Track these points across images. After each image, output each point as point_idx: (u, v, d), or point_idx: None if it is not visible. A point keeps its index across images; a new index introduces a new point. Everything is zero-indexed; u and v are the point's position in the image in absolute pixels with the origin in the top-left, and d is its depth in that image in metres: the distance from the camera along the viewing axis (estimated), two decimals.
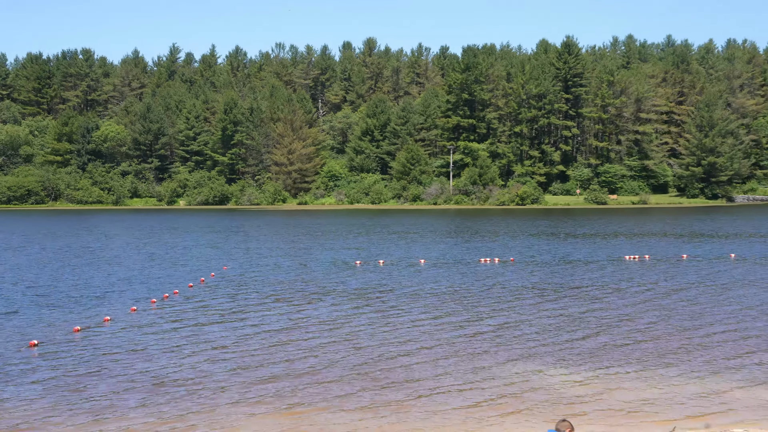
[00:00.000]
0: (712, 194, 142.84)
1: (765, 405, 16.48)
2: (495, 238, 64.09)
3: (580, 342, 22.77)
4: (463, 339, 23.28)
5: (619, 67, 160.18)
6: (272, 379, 18.76)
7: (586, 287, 34.37)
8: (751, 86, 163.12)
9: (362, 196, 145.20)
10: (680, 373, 19.13)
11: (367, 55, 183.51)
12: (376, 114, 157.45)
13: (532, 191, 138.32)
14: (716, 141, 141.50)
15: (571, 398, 17.12)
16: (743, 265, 42.44)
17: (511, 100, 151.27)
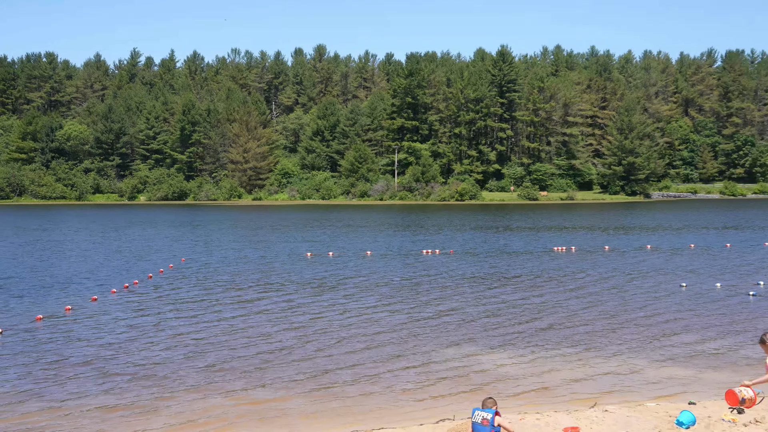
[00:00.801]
0: (632, 191, 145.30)
1: (675, 380, 17.08)
2: (436, 231, 64.64)
3: (515, 327, 23.17)
4: (406, 325, 23.53)
5: (549, 74, 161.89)
6: (227, 367, 18.71)
7: (520, 276, 34.95)
8: (665, 93, 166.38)
9: (313, 192, 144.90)
10: (603, 354, 19.67)
11: (317, 61, 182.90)
12: (326, 116, 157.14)
13: (471, 188, 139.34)
14: (635, 143, 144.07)
15: (505, 379, 17.44)
16: (658, 255, 43.53)
17: (451, 103, 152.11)
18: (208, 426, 14.39)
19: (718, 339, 21.41)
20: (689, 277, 34.34)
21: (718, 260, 41.20)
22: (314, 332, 22.54)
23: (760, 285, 31.28)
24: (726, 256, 43.59)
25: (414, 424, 13.99)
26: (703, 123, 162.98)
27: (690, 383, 17.00)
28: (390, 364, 18.78)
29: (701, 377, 17.51)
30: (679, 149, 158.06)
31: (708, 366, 18.53)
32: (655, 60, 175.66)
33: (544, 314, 25.30)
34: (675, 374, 17.74)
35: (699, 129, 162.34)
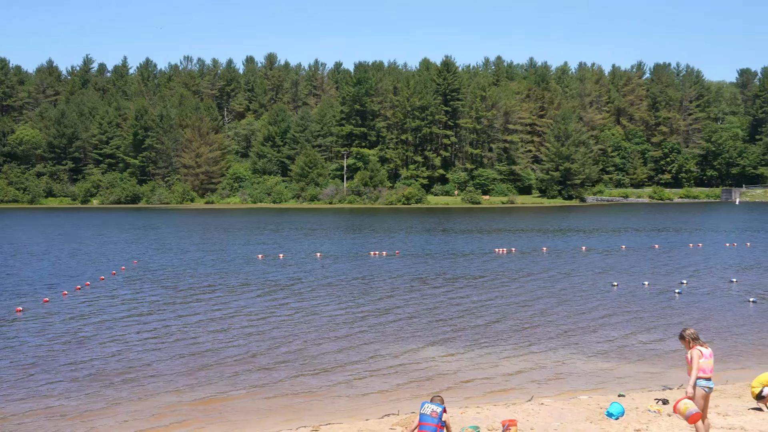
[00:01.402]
0: (568, 195, 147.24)
1: (607, 374, 17.47)
2: (384, 234, 64.86)
3: (457, 325, 23.41)
4: (353, 324, 23.62)
5: (490, 84, 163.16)
6: (175, 367, 18.55)
7: (462, 276, 35.29)
8: (599, 103, 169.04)
9: (264, 196, 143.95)
10: (540, 350, 20.02)
11: (268, 69, 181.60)
12: (277, 122, 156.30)
13: (416, 192, 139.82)
14: (571, 149, 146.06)
15: (448, 375, 17.62)
16: (592, 256, 44.34)
17: (398, 111, 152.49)
18: (156, 426, 14.24)
19: (646, 334, 21.93)
20: (620, 276, 35.04)
21: (647, 260, 42.14)
22: (263, 332, 22.47)
23: (684, 284, 32.11)
24: (654, 256, 44.58)
25: (360, 419, 14.07)
26: (633, 131, 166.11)
27: (620, 376, 17.40)
28: (337, 361, 18.83)
29: (630, 370, 17.93)
30: (612, 156, 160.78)
31: (636, 360, 18.98)
32: (589, 71, 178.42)
33: (484, 312, 25.61)
34: (606, 368, 18.13)
35: (630, 137, 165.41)
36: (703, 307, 26.59)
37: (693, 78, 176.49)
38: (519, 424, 12.81)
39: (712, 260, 42.24)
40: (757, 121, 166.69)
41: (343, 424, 13.62)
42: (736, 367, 18.21)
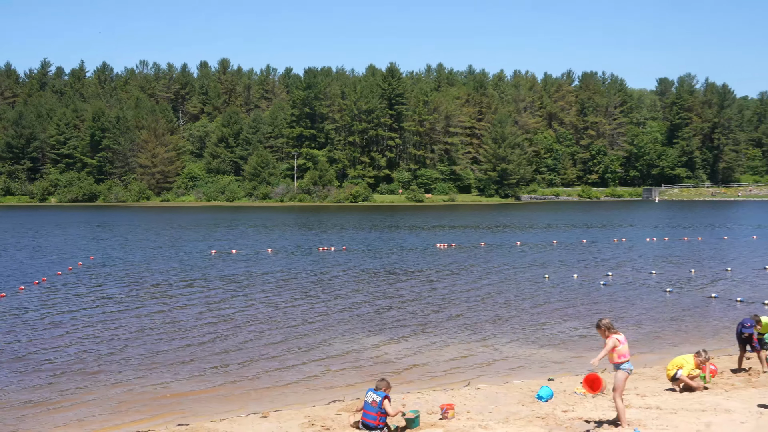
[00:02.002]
0: (505, 194, 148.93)
1: (538, 360, 17.76)
2: (332, 230, 64.80)
3: (400, 316, 23.52)
4: (302, 316, 23.54)
5: (432, 89, 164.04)
6: (128, 359, 18.28)
7: (406, 270, 35.42)
8: (532, 108, 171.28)
9: (218, 194, 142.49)
10: (477, 338, 20.21)
11: (221, 73, 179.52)
12: (230, 124, 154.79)
13: (363, 191, 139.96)
14: (507, 151, 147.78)
15: (391, 363, 17.71)
16: (526, 250, 44.90)
17: (345, 114, 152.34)
18: (109, 419, 14.05)
19: (574, 322, 22.34)
20: (551, 269, 35.59)
21: (576, 254, 42.87)
22: (216, 323, 22.28)
23: (609, 276, 32.76)
24: (582, 250, 45.38)
25: (308, 406, 14.08)
26: (564, 135, 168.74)
27: (550, 362, 17.69)
28: (286, 351, 18.77)
29: (559, 356, 18.25)
30: (545, 157, 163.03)
31: (565, 346, 19.33)
32: (523, 78, 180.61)
33: (426, 303, 25.80)
34: (538, 354, 18.43)
35: (561, 140, 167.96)
36: (625, 297, 27.21)
37: (617, 86, 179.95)
38: (456, 407, 12.97)
39: (634, 254, 43.20)
40: (674, 126, 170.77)
41: (291, 411, 13.61)
42: (654, 351, 18.65)
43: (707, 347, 17.67)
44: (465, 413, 12.81)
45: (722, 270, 35.01)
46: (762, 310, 23.45)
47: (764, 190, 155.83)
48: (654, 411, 12.25)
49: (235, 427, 12.57)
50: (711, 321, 22.50)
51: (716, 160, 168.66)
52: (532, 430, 11.45)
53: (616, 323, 22.03)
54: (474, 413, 12.83)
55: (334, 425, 12.40)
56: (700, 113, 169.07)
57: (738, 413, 11.72)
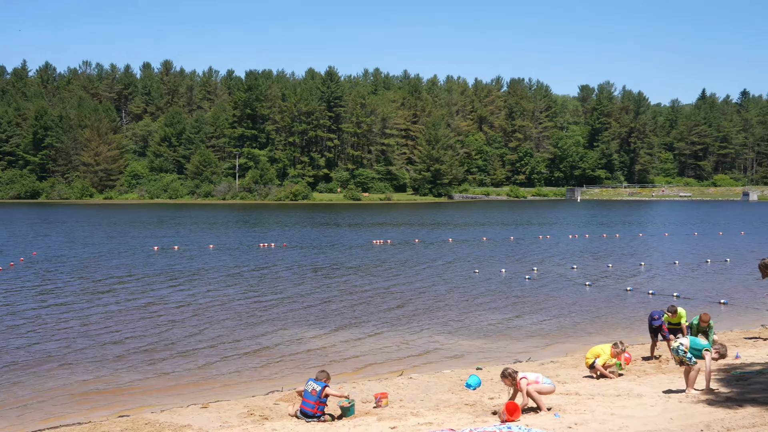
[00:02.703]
0: (438, 193, 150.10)
1: (467, 350, 17.98)
2: (272, 227, 64.33)
3: (338, 310, 23.52)
4: (242, 310, 23.33)
5: (369, 92, 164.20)
6: (66, 354, 17.82)
7: (343, 266, 35.42)
8: (464, 112, 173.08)
9: (161, 192, 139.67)
10: (410, 330, 20.34)
11: (164, 75, 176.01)
12: (173, 124, 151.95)
13: (303, 189, 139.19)
14: (440, 152, 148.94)
15: (329, 355, 17.71)
16: (458, 246, 45.36)
17: (286, 115, 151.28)
18: (53, 411, 13.71)
19: (501, 314, 22.71)
20: (481, 264, 36.09)
21: (504, 250, 43.55)
22: (157, 318, 21.90)
23: (534, 270, 33.42)
24: (510, 246, 46.14)
25: (247, 396, 14.00)
26: (493, 137, 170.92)
27: (478, 351, 17.95)
28: (226, 344, 18.59)
29: (487, 346, 18.54)
30: (475, 158, 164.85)
31: (492, 336, 19.64)
32: (455, 83, 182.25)
33: (361, 297, 25.86)
34: (467, 344, 18.68)
35: (490, 142, 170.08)
36: (549, 290, 27.78)
37: (543, 92, 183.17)
38: (390, 396, 13.06)
39: (557, 250, 44.14)
40: (594, 131, 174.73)
41: (231, 401, 13.50)
42: (574, 341, 19.10)
43: (622, 337, 18.24)
44: (398, 401, 12.92)
45: (637, 265, 36.06)
46: (672, 301, 24.25)
47: (675, 191, 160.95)
48: (573, 396, 12.56)
49: (175, 417, 12.42)
50: (626, 312, 23.16)
51: (632, 162, 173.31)
52: (461, 416, 11.61)
53: (540, 314, 22.57)
54: (406, 401, 12.95)
55: (272, 414, 12.37)
56: (618, 119, 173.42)
57: (648, 397, 12.11)
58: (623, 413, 10.99)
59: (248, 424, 11.80)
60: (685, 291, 26.73)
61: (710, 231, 60.27)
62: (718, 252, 42.10)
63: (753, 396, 11.35)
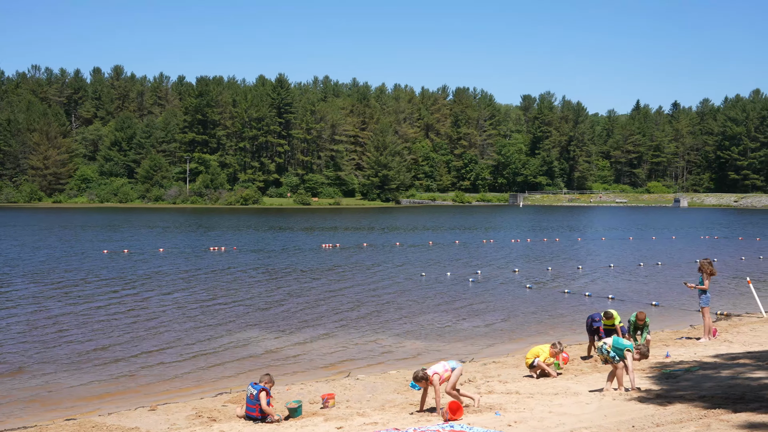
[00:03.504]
0: (386, 198, 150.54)
1: (413, 351, 18.05)
2: (223, 231, 63.58)
3: (287, 313, 23.34)
4: (193, 314, 22.98)
5: (319, 99, 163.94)
6: (10, 359, 17.46)
7: (291, 268, 35.16)
8: (411, 119, 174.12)
9: (111, 196, 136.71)
10: (358, 332, 20.29)
11: (115, 80, 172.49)
12: (123, 128, 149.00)
13: (253, 194, 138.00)
14: (388, 159, 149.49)
15: (279, 357, 17.58)
16: (405, 250, 45.43)
17: (237, 121, 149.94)
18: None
19: (446, 316, 22.87)
20: (427, 267, 36.24)
21: (450, 254, 43.87)
22: (105, 321, 21.39)
23: (478, 273, 33.74)
24: (455, 250, 46.51)
25: (195, 398, 13.81)
26: (439, 144, 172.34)
27: (424, 352, 18.04)
28: (176, 347, 18.29)
29: (433, 347, 18.64)
30: (422, 165, 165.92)
31: (438, 338, 19.77)
32: (403, 92, 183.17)
33: (310, 299, 25.72)
34: (413, 346, 18.75)
35: (437, 149, 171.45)
36: (492, 292, 28.09)
37: (487, 101, 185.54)
38: (337, 396, 13.05)
39: (500, 253, 44.67)
40: (536, 139, 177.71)
41: (179, 403, 13.30)
42: (514, 342, 19.35)
43: (561, 337, 18.55)
44: (345, 402, 12.91)
45: (575, 268, 36.75)
46: (607, 303, 24.78)
47: (612, 197, 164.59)
48: (514, 395, 12.73)
49: (122, 420, 12.17)
50: (564, 313, 23.56)
51: (572, 169, 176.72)
52: (405, 416, 11.67)
53: (483, 316, 22.81)
54: (353, 402, 12.95)
55: (220, 416, 12.23)
56: (558, 127, 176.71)
57: (584, 395, 12.36)
58: (560, 411, 11.18)
59: (196, 426, 11.64)
60: (619, 293, 27.34)
61: (644, 236, 61.80)
62: (650, 256, 43.18)
63: (681, 393, 11.68)
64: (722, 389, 11.67)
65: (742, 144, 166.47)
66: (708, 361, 15.02)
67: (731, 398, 10.81)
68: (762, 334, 18.66)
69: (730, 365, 14.24)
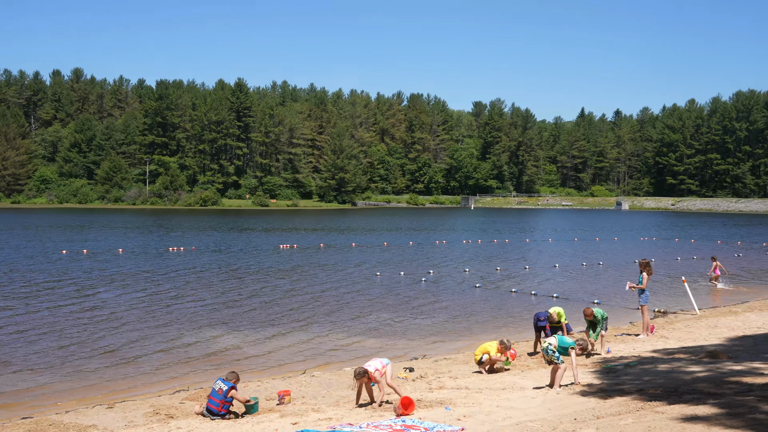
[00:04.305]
0: (342, 200, 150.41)
1: (367, 348, 18.03)
2: (182, 231, 62.67)
3: (246, 311, 23.11)
4: (152, 313, 22.59)
5: (277, 104, 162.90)
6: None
7: (250, 268, 34.83)
8: (367, 124, 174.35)
9: (71, 197, 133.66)
10: (315, 331, 20.20)
11: (75, 82, 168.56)
12: (83, 130, 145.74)
13: (213, 195, 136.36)
14: (345, 162, 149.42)
15: (237, 355, 17.41)
16: (361, 251, 45.39)
17: (196, 124, 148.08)
18: None
19: (398, 314, 22.92)
20: (382, 267, 36.28)
21: (404, 254, 43.98)
22: (63, 320, 20.87)
23: (430, 273, 33.91)
24: (409, 251, 46.65)
25: (153, 396, 13.59)
26: (394, 148, 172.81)
27: (378, 350, 18.03)
28: (134, 346, 17.95)
29: (386, 344, 18.67)
30: (378, 168, 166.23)
31: (391, 335, 19.80)
32: (359, 97, 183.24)
33: (268, 298, 25.53)
34: (368, 344, 18.76)
35: (392, 153, 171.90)
36: (443, 291, 28.26)
37: (440, 107, 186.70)
38: (292, 393, 12.98)
39: (452, 254, 44.97)
40: (486, 144, 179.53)
41: (137, 401, 13.07)
42: (465, 339, 19.49)
43: (508, 334, 18.77)
44: (300, 398, 12.85)
45: (523, 268, 37.21)
46: (552, 301, 25.14)
47: (558, 200, 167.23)
48: (463, 391, 12.83)
49: (80, 418, 11.90)
50: (512, 311, 23.82)
51: (521, 173, 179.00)
52: (359, 411, 11.66)
53: (435, 314, 22.91)
54: (308, 398, 12.90)
55: (177, 413, 12.05)
56: (508, 133, 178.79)
57: (530, 390, 12.52)
58: (507, 405, 11.31)
59: (153, 423, 11.46)
60: (563, 292, 27.78)
61: (588, 237, 62.92)
62: (593, 256, 43.98)
63: (621, 387, 11.93)
64: (659, 383, 11.95)
65: (679, 150, 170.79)
66: (646, 356, 15.37)
67: (667, 391, 11.08)
68: (695, 330, 19.17)
69: (667, 360, 14.59)
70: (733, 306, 24.46)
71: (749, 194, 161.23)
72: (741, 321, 20.47)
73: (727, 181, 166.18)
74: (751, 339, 17.17)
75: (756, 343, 16.46)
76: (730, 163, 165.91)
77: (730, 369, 12.75)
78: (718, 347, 15.79)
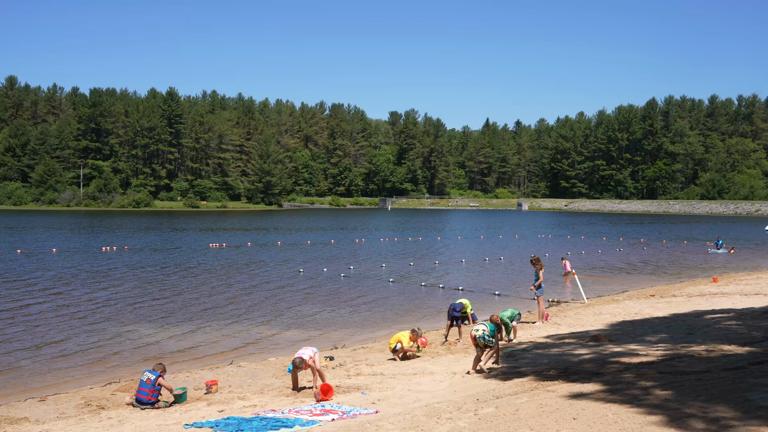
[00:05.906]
0: (269, 202, 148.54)
1: (292, 341, 17.83)
2: (115, 232, 60.35)
3: (176, 307, 22.48)
4: (83, 307, 21.64)
5: (207, 112, 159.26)
6: None
7: (180, 266, 33.91)
8: (292, 131, 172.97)
9: (5, 199, 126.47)
10: (242, 324, 19.83)
11: (9, 89, 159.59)
12: (17, 135, 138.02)
13: (145, 198, 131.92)
14: (271, 166, 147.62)
15: (166, 348, 16.95)
16: (285, 249, 44.96)
17: (129, 130, 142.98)
18: None
19: (321, 307, 22.80)
20: (305, 264, 36.02)
21: (326, 252, 43.82)
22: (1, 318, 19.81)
23: (350, 269, 33.93)
24: (331, 249, 46.51)
25: (85, 388, 13.01)
26: (317, 154, 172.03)
27: (300, 340, 17.85)
28: (67, 340, 17.14)
29: (308, 335, 18.54)
30: (302, 172, 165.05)
31: (313, 327, 19.68)
32: (285, 106, 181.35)
33: (196, 294, 24.93)
34: (290, 335, 18.57)
35: (315, 158, 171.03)
36: (361, 286, 28.28)
37: (359, 116, 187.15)
38: (219, 383, 12.70)
39: (370, 251, 45.11)
40: (402, 150, 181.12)
41: (69, 393, 12.49)
42: (381, 329, 19.58)
43: (419, 324, 18.96)
44: (227, 387, 12.59)
45: (432, 263, 37.70)
46: (458, 293, 25.57)
47: (466, 202, 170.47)
48: (378, 377, 12.88)
49: (11, 411, 11.27)
50: (422, 303, 24.09)
51: (433, 177, 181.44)
52: (282, 398, 11.54)
53: (354, 307, 22.91)
54: (234, 387, 12.65)
55: (109, 404, 11.59)
56: (421, 140, 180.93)
57: (438, 374, 12.69)
58: (418, 389, 11.43)
59: (85, 414, 10.98)
60: (468, 284, 28.31)
61: (492, 235, 64.41)
62: (496, 252, 45.05)
63: (519, 369, 12.24)
64: (551, 365, 12.34)
65: (571, 157, 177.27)
66: (541, 341, 15.83)
67: (558, 371, 11.45)
68: (584, 317, 19.90)
69: (559, 344, 15.08)
70: (616, 295, 25.55)
71: (629, 196, 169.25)
72: (621, 308, 21.38)
73: (612, 185, 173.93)
74: (629, 324, 17.95)
75: (634, 327, 17.23)
76: (614, 168, 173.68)
77: (612, 350, 13.30)
78: (601, 332, 16.42)
